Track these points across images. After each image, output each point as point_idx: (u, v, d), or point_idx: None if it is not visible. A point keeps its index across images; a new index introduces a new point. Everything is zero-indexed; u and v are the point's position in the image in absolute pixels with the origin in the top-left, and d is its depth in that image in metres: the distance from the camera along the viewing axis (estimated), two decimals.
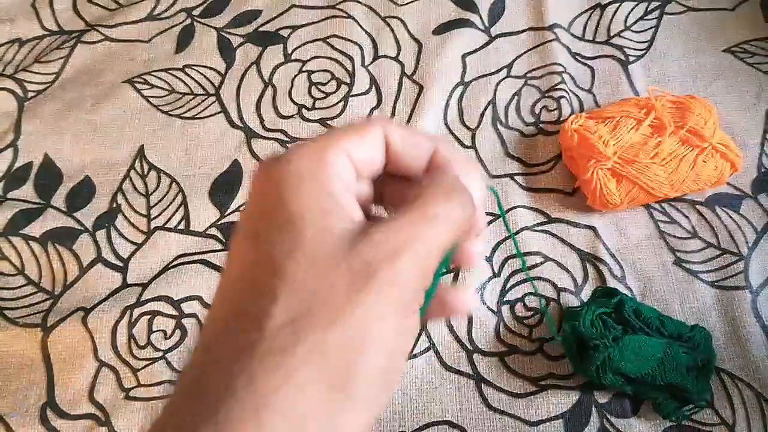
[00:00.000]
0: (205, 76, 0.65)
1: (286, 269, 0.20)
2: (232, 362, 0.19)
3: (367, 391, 0.20)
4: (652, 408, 0.48)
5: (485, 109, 0.61)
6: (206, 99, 0.64)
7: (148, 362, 0.53)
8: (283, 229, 0.20)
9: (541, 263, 0.54)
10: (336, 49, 0.65)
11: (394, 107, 0.62)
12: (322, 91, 0.63)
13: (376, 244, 0.20)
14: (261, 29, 0.67)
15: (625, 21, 0.64)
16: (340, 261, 0.20)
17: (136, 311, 0.54)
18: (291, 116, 0.63)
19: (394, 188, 0.25)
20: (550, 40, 0.63)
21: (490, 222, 0.56)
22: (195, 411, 0.19)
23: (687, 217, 0.55)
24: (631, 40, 0.63)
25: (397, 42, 0.65)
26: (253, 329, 0.19)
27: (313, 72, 0.64)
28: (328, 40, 0.66)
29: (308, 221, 0.20)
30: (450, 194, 0.22)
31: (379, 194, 0.26)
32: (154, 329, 0.54)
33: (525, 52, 0.64)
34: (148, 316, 0.54)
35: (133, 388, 0.52)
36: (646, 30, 0.64)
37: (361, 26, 0.66)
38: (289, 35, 0.66)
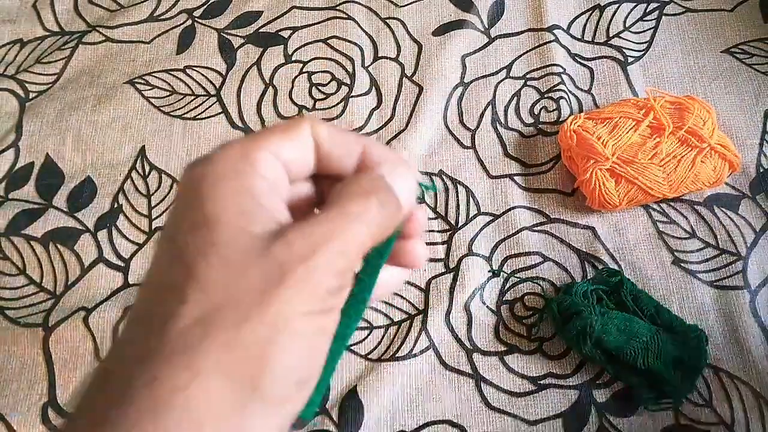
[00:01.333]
0: (206, 77, 0.65)
1: (198, 270, 0.19)
2: (135, 363, 0.18)
3: (279, 389, 0.19)
4: (631, 393, 0.49)
5: (485, 109, 0.62)
6: (207, 100, 0.64)
7: None
8: (196, 230, 0.20)
9: (540, 263, 0.55)
10: (336, 50, 0.65)
11: (394, 108, 0.62)
12: (323, 92, 0.64)
13: (290, 243, 0.20)
14: (261, 30, 0.67)
15: (624, 22, 0.64)
16: (253, 261, 0.19)
17: None
18: (291, 117, 0.63)
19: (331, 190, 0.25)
20: (550, 41, 0.64)
21: (489, 222, 0.56)
22: (93, 418, 0.18)
23: (686, 217, 0.55)
24: (630, 41, 0.63)
25: (397, 43, 0.65)
26: (160, 330, 0.19)
27: (313, 73, 0.65)
28: (328, 41, 0.66)
29: (223, 222, 0.20)
30: (368, 192, 0.22)
31: (321, 196, 0.25)
32: None
33: (524, 53, 0.64)
34: None
35: None
36: (645, 31, 0.64)
37: (361, 27, 0.66)
38: (289, 36, 0.67)
